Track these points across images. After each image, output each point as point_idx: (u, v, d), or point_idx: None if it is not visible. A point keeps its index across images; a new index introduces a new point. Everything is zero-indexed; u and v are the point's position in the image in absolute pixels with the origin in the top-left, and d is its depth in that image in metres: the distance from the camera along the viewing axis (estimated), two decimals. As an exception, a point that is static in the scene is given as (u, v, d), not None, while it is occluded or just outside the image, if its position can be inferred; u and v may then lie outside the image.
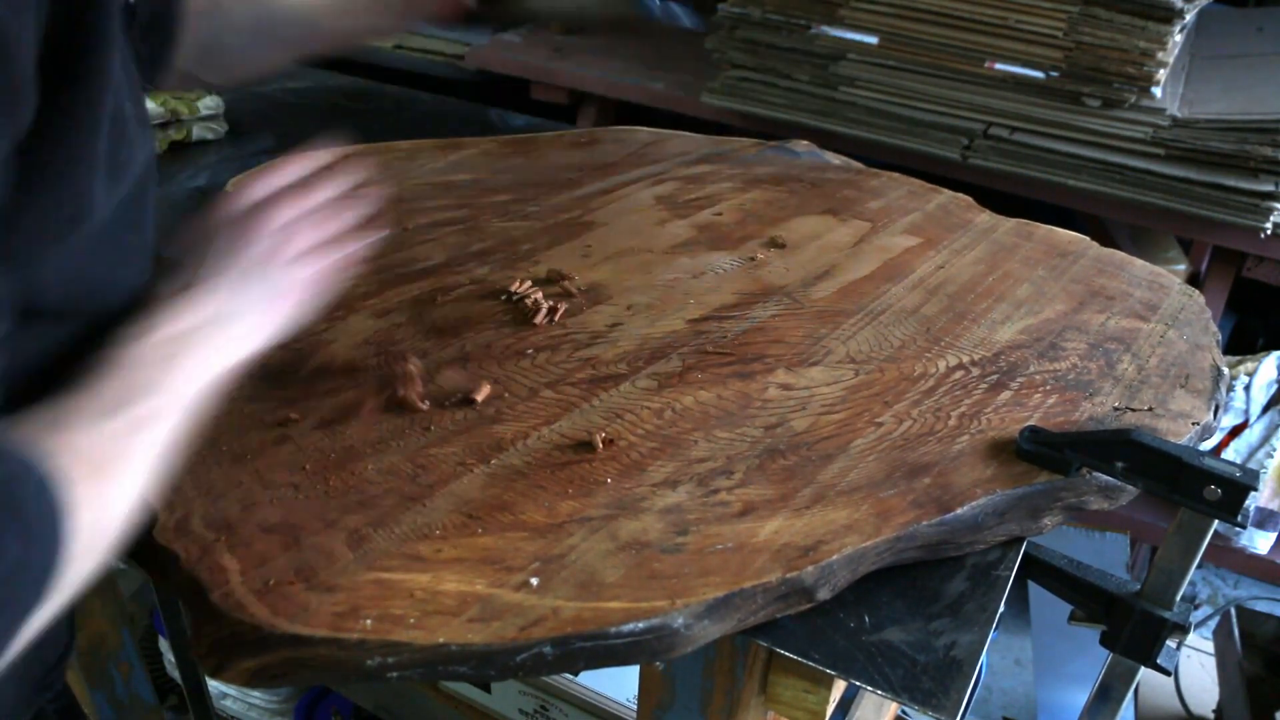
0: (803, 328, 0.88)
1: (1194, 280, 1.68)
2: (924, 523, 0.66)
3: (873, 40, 1.55)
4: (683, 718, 0.72)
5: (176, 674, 1.37)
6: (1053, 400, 0.81)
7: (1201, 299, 1.02)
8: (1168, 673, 0.74)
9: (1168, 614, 0.73)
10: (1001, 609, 0.66)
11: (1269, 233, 1.36)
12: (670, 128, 1.42)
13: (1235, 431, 1.43)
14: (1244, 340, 1.94)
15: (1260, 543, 1.47)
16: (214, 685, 1.39)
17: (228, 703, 1.46)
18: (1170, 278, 1.05)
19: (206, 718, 1.32)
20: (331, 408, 0.73)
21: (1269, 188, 1.33)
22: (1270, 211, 1.34)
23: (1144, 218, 1.47)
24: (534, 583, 0.57)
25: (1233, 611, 1.62)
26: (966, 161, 1.51)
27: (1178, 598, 0.73)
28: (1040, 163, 1.47)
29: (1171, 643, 0.74)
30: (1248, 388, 1.41)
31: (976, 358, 0.86)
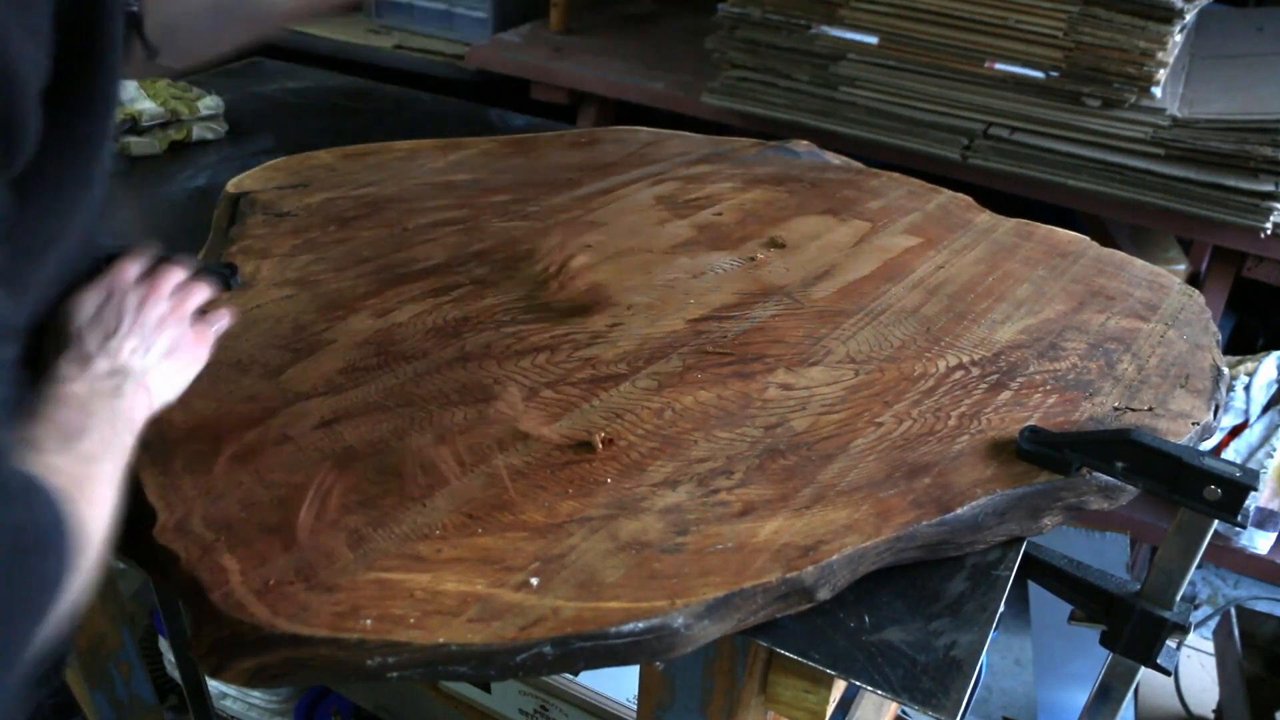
0: (803, 328, 0.88)
1: (1194, 280, 1.67)
2: (924, 523, 0.66)
3: (873, 40, 1.55)
4: (683, 718, 0.72)
5: (176, 674, 1.37)
6: (1053, 400, 0.81)
7: (1201, 299, 1.02)
8: (1168, 673, 0.74)
9: (1168, 614, 0.73)
10: (1001, 609, 0.66)
11: (1269, 233, 1.36)
12: (670, 128, 1.42)
13: (1235, 431, 1.43)
14: (1244, 340, 1.94)
15: (1260, 543, 1.47)
16: (214, 685, 1.39)
17: (228, 703, 1.46)
18: (1170, 278, 1.05)
19: (206, 718, 1.32)
20: (332, 408, 0.73)
21: (1269, 188, 1.33)
22: (1270, 211, 1.34)
23: (1144, 218, 1.47)
24: (534, 583, 0.58)
25: (1233, 611, 1.62)
26: (966, 161, 1.51)
27: (1178, 598, 0.73)
28: (1040, 163, 1.47)
29: (1171, 643, 0.74)
30: (1248, 388, 1.41)
31: (976, 358, 0.86)
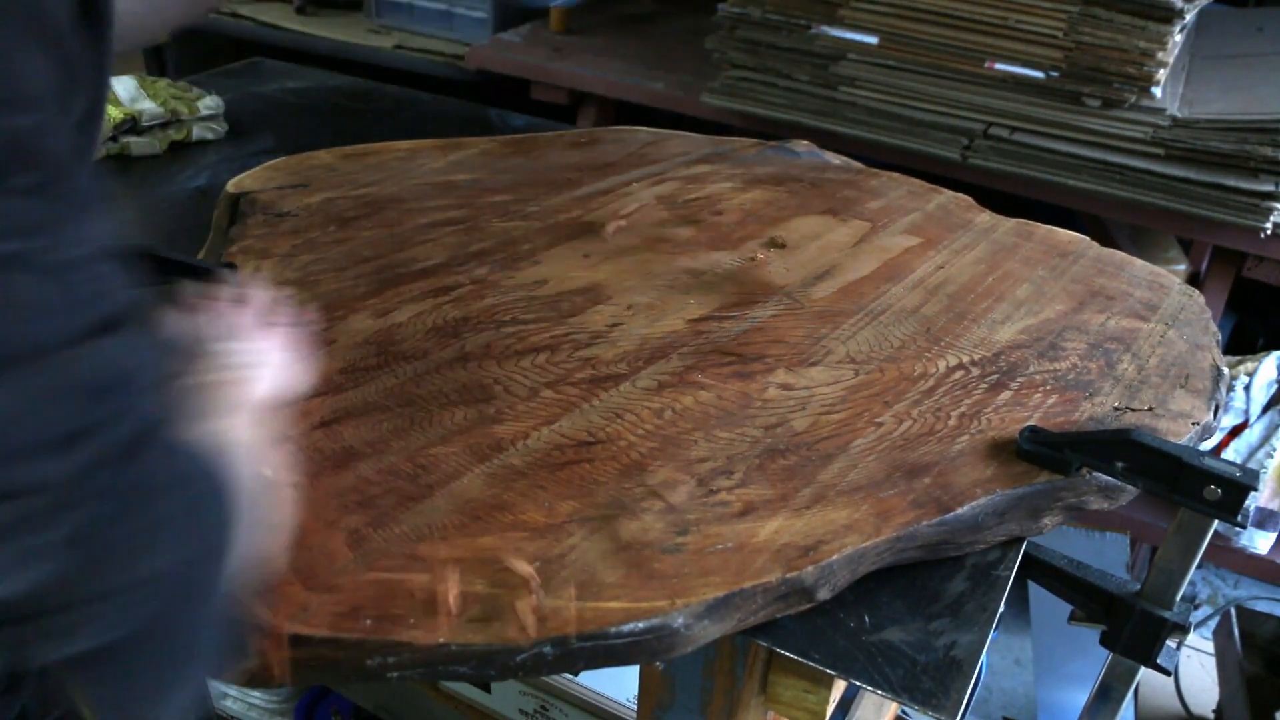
0: (803, 328, 0.88)
1: (1194, 280, 1.68)
2: (924, 523, 0.66)
3: (873, 40, 1.55)
4: (683, 718, 0.72)
5: (176, 674, 1.37)
6: (1053, 400, 0.81)
7: (1201, 299, 1.02)
8: (1168, 673, 0.74)
9: (1168, 614, 0.73)
10: (1001, 609, 0.66)
11: (1269, 233, 1.36)
12: (670, 128, 1.42)
13: (1235, 431, 1.43)
14: (1244, 340, 1.94)
15: (1260, 543, 1.47)
16: (214, 685, 1.39)
17: (228, 703, 1.46)
18: (1170, 278, 1.05)
19: (207, 718, 1.32)
20: (332, 408, 0.73)
21: (1269, 188, 1.33)
22: (1270, 211, 1.34)
23: (1144, 218, 1.47)
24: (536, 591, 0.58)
25: (1233, 611, 1.62)
26: (966, 161, 1.51)
27: (1178, 598, 0.73)
28: (1040, 163, 1.47)
29: (1171, 643, 0.74)
30: (1248, 388, 1.41)
31: (976, 358, 0.86)
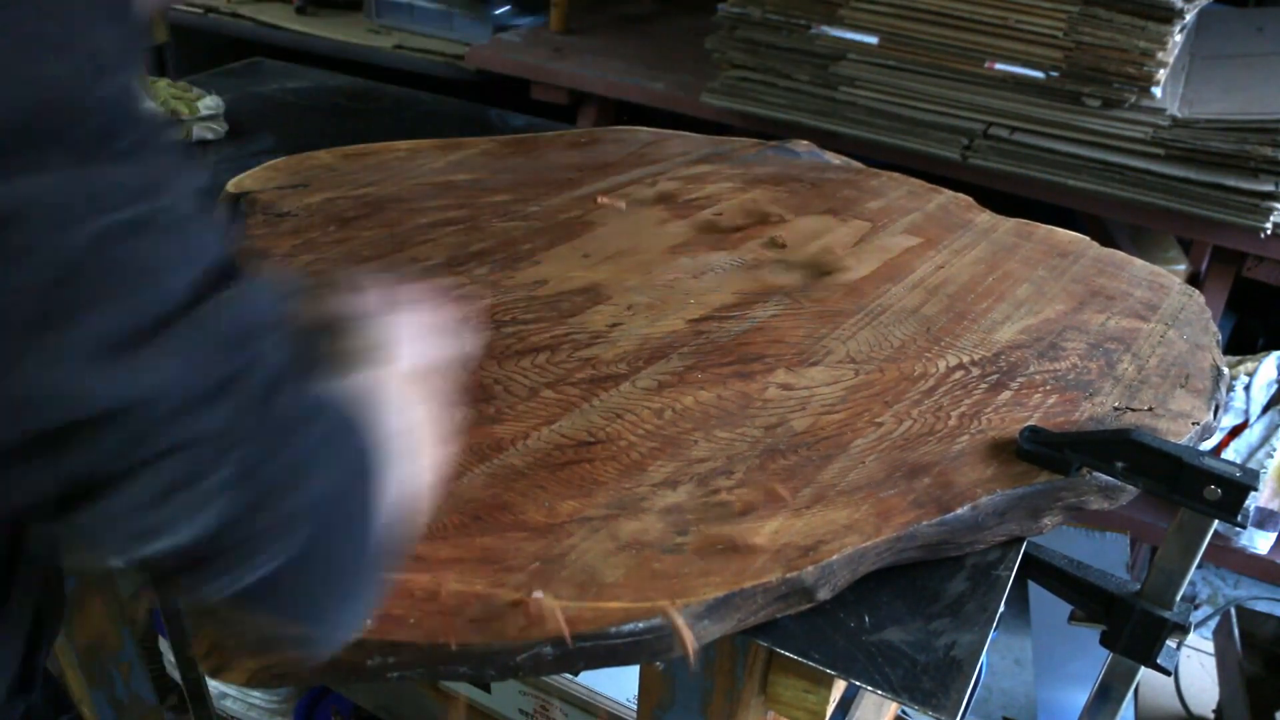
0: (803, 328, 0.88)
1: (1194, 280, 1.67)
2: (924, 523, 0.66)
3: (873, 40, 1.55)
4: (683, 718, 0.72)
5: (176, 674, 1.37)
6: (1053, 400, 0.81)
7: (1201, 299, 1.02)
8: (1168, 673, 0.74)
9: (1168, 614, 0.73)
10: (1001, 609, 0.66)
11: (1269, 233, 1.36)
12: (670, 128, 1.42)
13: (1235, 431, 1.43)
14: (1244, 340, 1.94)
15: (1260, 543, 1.47)
16: (214, 685, 1.39)
17: (228, 703, 1.46)
18: (1170, 278, 1.05)
19: (206, 718, 1.32)
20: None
21: (1269, 188, 1.33)
22: (1270, 211, 1.34)
23: (1144, 218, 1.47)
24: (535, 591, 0.57)
25: (1233, 611, 1.62)
26: (966, 161, 1.51)
27: (1178, 598, 0.73)
28: (1040, 163, 1.47)
29: (1171, 643, 0.74)
30: (1248, 388, 1.41)
31: (976, 358, 0.86)
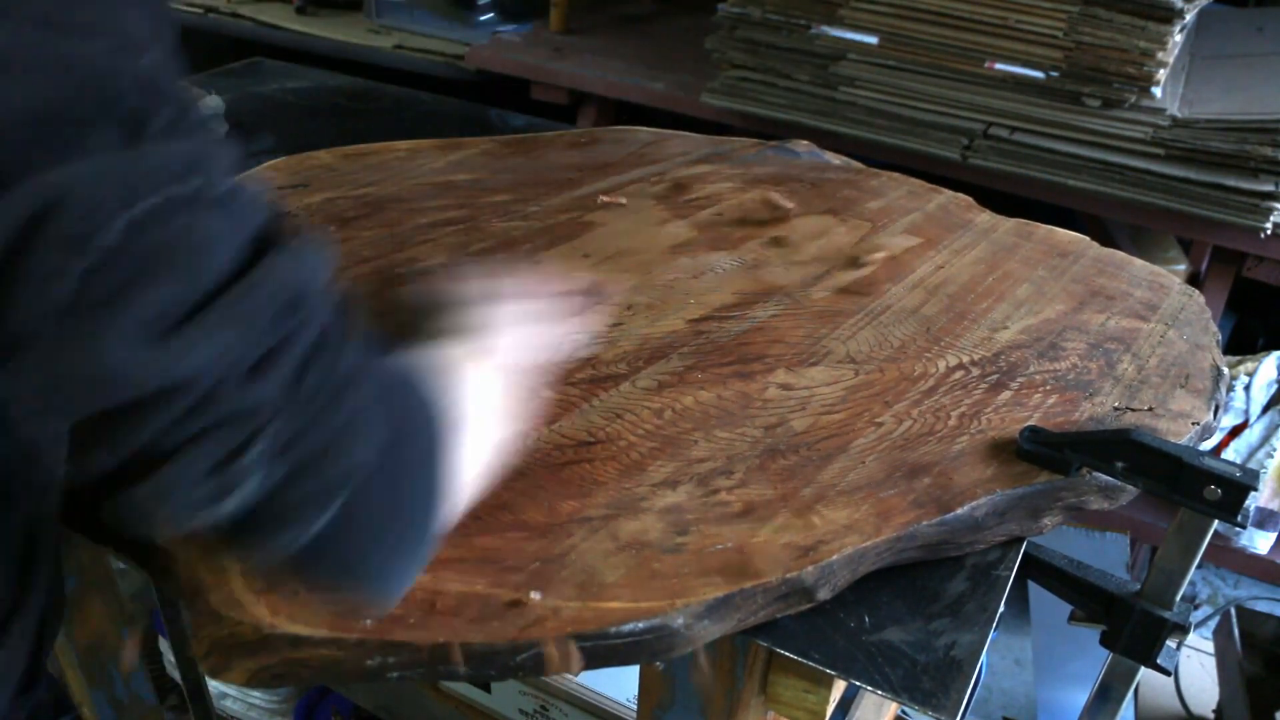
0: (803, 328, 0.88)
1: (1194, 280, 1.67)
2: (924, 523, 0.66)
3: (873, 40, 1.55)
4: (683, 718, 0.72)
5: (176, 674, 1.37)
6: (1053, 400, 0.81)
7: (1201, 299, 1.02)
8: (1168, 673, 0.74)
9: (1168, 614, 0.73)
10: (1001, 609, 0.66)
11: (1269, 233, 1.36)
12: (670, 128, 1.42)
13: (1235, 431, 1.43)
14: (1244, 340, 1.93)
15: (1260, 543, 1.47)
16: (214, 685, 1.39)
17: (228, 703, 1.46)
18: (1170, 278, 1.05)
19: (206, 718, 1.32)
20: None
21: (1269, 188, 1.33)
22: (1270, 211, 1.34)
23: (1144, 218, 1.47)
24: (535, 596, 0.57)
25: (1233, 611, 1.62)
26: (966, 161, 1.51)
27: (1178, 598, 0.73)
28: (1040, 163, 1.47)
29: (1171, 643, 0.74)
30: (1248, 388, 1.41)
31: (976, 358, 0.86)
